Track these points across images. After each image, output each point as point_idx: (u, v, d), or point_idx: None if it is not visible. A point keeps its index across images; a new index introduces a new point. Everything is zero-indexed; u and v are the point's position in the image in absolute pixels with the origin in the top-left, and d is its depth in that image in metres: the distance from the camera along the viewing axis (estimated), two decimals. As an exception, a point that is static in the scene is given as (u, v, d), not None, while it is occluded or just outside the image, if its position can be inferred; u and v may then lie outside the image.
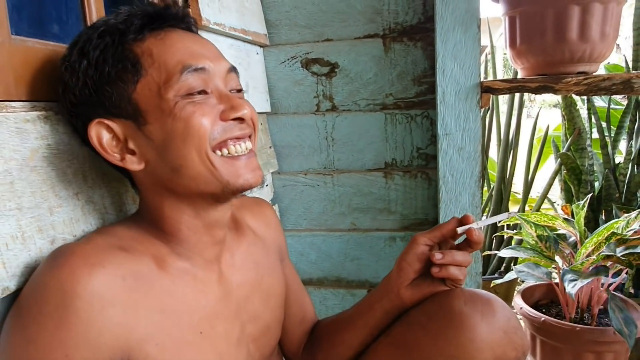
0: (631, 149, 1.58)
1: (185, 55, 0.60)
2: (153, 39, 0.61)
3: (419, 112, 1.28)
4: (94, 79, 0.59)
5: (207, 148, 0.59)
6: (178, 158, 0.59)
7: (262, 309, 0.75)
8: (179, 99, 0.59)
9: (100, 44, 0.59)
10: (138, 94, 0.59)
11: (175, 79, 0.59)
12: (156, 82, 0.59)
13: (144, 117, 0.59)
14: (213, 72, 0.62)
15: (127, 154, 0.61)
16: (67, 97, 0.61)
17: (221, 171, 0.60)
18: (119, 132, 0.60)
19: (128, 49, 0.60)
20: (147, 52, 0.60)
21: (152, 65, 0.59)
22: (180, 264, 0.64)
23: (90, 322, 0.51)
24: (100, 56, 0.59)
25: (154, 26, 0.62)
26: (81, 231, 0.64)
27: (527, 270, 1.34)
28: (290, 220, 1.42)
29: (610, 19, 1.01)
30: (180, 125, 0.58)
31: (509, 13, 1.09)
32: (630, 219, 1.22)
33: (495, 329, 0.65)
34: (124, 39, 0.60)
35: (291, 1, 1.27)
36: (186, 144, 0.59)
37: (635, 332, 1.09)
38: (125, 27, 0.60)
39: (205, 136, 0.59)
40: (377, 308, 0.78)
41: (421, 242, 0.74)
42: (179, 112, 0.58)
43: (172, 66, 0.59)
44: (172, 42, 0.61)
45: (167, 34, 0.62)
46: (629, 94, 1.08)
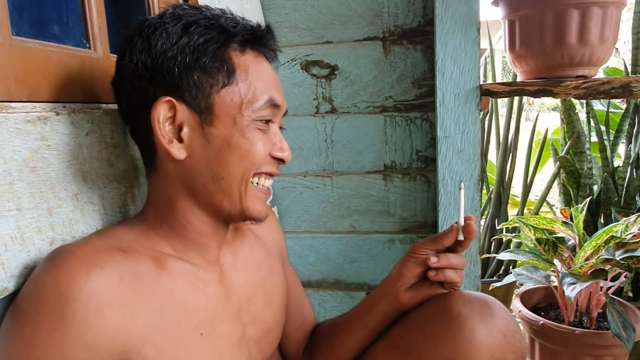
0: (630, 152, 1.58)
1: (272, 89, 0.65)
2: (251, 57, 0.64)
3: (418, 115, 1.28)
4: (188, 60, 0.60)
5: (252, 172, 0.64)
6: (224, 170, 0.62)
7: (264, 310, 0.75)
8: (252, 122, 0.62)
9: (206, 34, 0.61)
10: (220, 96, 0.61)
11: (259, 104, 0.63)
12: (241, 96, 0.62)
13: (213, 119, 0.61)
14: (281, 108, 0.67)
15: (175, 139, 0.61)
16: (146, 57, 0.60)
17: (248, 197, 0.64)
18: (180, 117, 0.61)
19: (228, 54, 0.62)
20: (244, 67, 0.63)
21: (244, 80, 0.62)
22: (181, 264, 0.64)
23: (87, 323, 0.51)
24: (203, 45, 0.60)
25: (255, 45, 0.65)
26: (80, 232, 0.64)
27: (525, 274, 1.34)
28: (289, 222, 1.42)
29: (610, 23, 1.01)
30: (245, 144, 0.62)
31: (509, 16, 1.09)
32: (629, 223, 1.22)
33: (494, 331, 0.65)
34: (228, 42, 0.62)
35: (291, 3, 1.28)
36: (239, 162, 0.62)
37: (633, 336, 1.09)
38: (233, 33, 0.62)
39: (257, 163, 0.63)
40: (376, 310, 0.78)
41: (421, 250, 0.74)
42: (248, 132, 0.62)
43: (260, 92, 0.63)
44: (265, 69, 0.65)
45: (261, 58, 0.66)
46: (628, 97, 1.08)
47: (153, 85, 0.61)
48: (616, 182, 1.60)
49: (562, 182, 1.72)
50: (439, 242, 0.74)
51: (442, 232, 0.76)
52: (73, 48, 0.69)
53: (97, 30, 0.73)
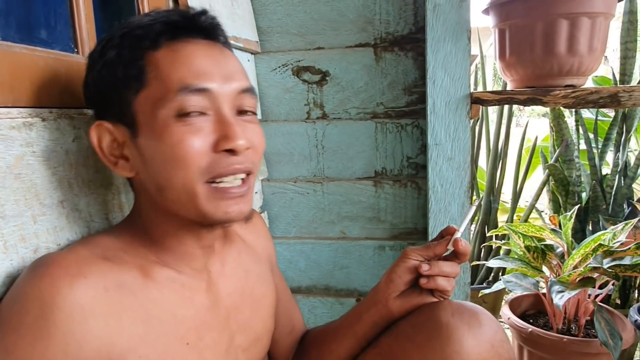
0: (618, 161, 1.60)
1: (190, 73, 0.57)
2: (167, 49, 0.58)
3: (409, 122, 1.28)
4: (106, 80, 0.59)
5: (194, 179, 0.57)
6: (161, 180, 0.58)
7: (252, 318, 0.74)
8: (171, 120, 0.56)
9: (118, 46, 0.59)
10: (138, 104, 0.58)
11: (171, 97, 0.56)
12: (154, 95, 0.57)
13: (138, 129, 0.58)
14: (218, 93, 0.58)
15: (121, 159, 0.60)
16: (85, 93, 0.63)
17: (202, 200, 0.58)
18: (117, 136, 0.60)
19: (140, 56, 0.58)
20: (154, 63, 0.57)
21: (155, 77, 0.57)
22: (168, 273, 0.63)
23: (70, 334, 0.50)
24: (116, 58, 0.58)
25: (173, 35, 0.59)
26: (66, 240, 0.63)
27: (514, 281, 1.35)
28: (279, 227, 1.41)
29: (598, 33, 1.02)
30: (167, 149, 0.56)
31: (499, 25, 1.10)
32: (616, 231, 1.23)
33: (482, 341, 0.65)
34: (140, 44, 0.58)
35: (283, 9, 1.28)
36: (173, 169, 0.56)
37: (620, 344, 1.10)
38: (142, 33, 0.58)
39: (192, 167, 0.56)
40: (365, 319, 0.77)
41: (412, 256, 0.74)
42: (167, 135, 0.55)
43: (172, 83, 0.56)
44: (183, 55, 0.58)
45: (184, 45, 0.59)
46: (616, 107, 1.09)
47: (96, 113, 0.63)
48: (604, 190, 1.61)
49: (551, 190, 1.73)
50: (431, 250, 0.73)
51: (434, 240, 0.76)
52: (61, 53, 0.68)
53: (85, 34, 0.72)
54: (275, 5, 1.28)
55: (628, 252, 1.16)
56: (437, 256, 0.74)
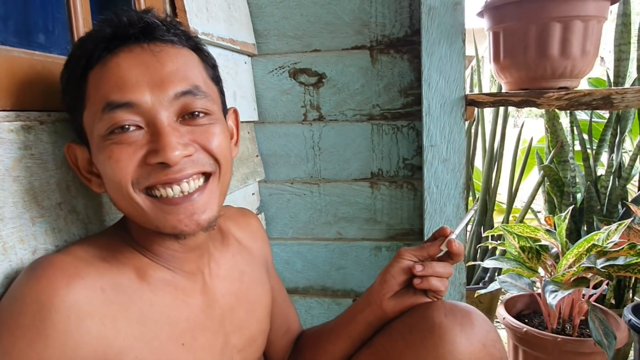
0: (612, 162, 1.61)
1: (113, 88, 0.55)
2: (99, 65, 0.57)
3: (405, 123, 1.30)
4: (65, 102, 0.62)
5: (130, 192, 0.56)
6: (111, 195, 0.60)
7: (247, 319, 0.75)
8: (102, 138, 0.56)
9: (67, 68, 0.61)
10: (85, 124, 0.60)
11: (99, 116, 0.55)
12: (90, 115, 0.58)
13: (89, 147, 0.60)
14: (148, 103, 0.55)
15: (93, 176, 0.62)
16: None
17: (149, 214, 0.57)
18: (81, 154, 0.62)
19: (82, 76, 0.58)
20: (91, 81, 0.58)
21: (89, 97, 0.58)
22: (162, 275, 0.63)
23: (68, 334, 0.51)
24: (67, 81, 0.61)
25: (107, 49, 0.57)
26: (63, 241, 0.64)
27: (510, 281, 1.36)
28: (276, 228, 1.42)
29: (591, 36, 1.03)
30: (103, 167, 0.57)
31: (493, 28, 1.11)
32: (610, 231, 1.24)
33: (474, 341, 0.66)
34: (79, 64, 0.59)
35: (280, 12, 1.29)
36: (112, 186, 0.58)
37: (614, 343, 1.11)
38: (81, 53, 0.58)
39: (124, 182, 0.56)
40: (359, 319, 0.78)
41: (406, 257, 0.75)
42: (101, 152, 0.56)
43: (99, 100, 0.56)
44: (109, 70, 0.56)
45: (112, 58, 0.56)
46: (609, 109, 1.10)
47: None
48: (599, 190, 1.62)
49: (547, 191, 1.74)
50: (425, 250, 0.75)
51: (428, 241, 0.77)
52: (59, 57, 0.69)
53: (83, 38, 0.73)
54: (272, 8, 1.29)
55: (621, 252, 1.17)
56: (431, 257, 0.75)
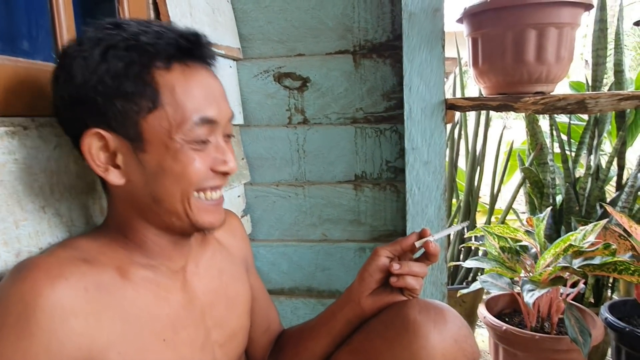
0: (590, 164, 1.66)
1: (203, 104, 0.62)
2: (179, 73, 0.61)
3: (388, 127, 1.32)
4: (109, 90, 0.59)
5: (191, 191, 0.63)
6: (162, 193, 0.62)
7: (227, 315, 0.77)
8: (185, 144, 0.61)
9: (125, 58, 0.59)
10: (147, 122, 0.60)
11: (189, 126, 0.60)
12: (169, 120, 0.60)
13: (144, 145, 0.61)
14: (220, 122, 0.64)
15: (111, 166, 0.62)
16: (68, 90, 0.60)
17: (195, 212, 0.64)
18: (112, 145, 0.61)
19: (151, 76, 0.59)
20: (169, 87, 0.60)
21: (170, 103, 0.60)
22: (144, 273, 0.65)
23: (52, 333, 0.53)
24: (123, 70, 0.58)
25: (183, 59, 0.61)
26: (47, 244, 0.65)
27: (491, 281, 1.39)
28: (262, 230, 1.44)
29: (565, 42, 1.07)
30: (178, 167, 0.61)
31: (472, 34, 1.14)
32: (586, 232, 1.27)
33: (447, 337, 0.69)
34: (151, 63, 0.59)
35: (264, 16, 1.30)
36: (175, 184, 0.62)
37: (589, 340, 1.14)
38: (155, 52, 0.59)
39: (195, 182, 0.62)
40: (339, 317, 0.81)
41: (382, 254, 0.78)
42: (181, 155, 0.61)
43: (189, 112, 0.60)
44: (195, 83, 0.62)
45: (192, 72, 0.62)
46: (584, 113, 1.14)
47: (81, 116, 0.61)
48: (577, 192, 1.66)
49: (528, 192, 1.78)
50: (398, 245, 0.78)
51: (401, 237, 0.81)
52: (42, 63, 0.70)
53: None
54: (257, 13, 1.30)
55: (597, 252, 1.20)
56: (404, 250, 0.78)
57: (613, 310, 1.39)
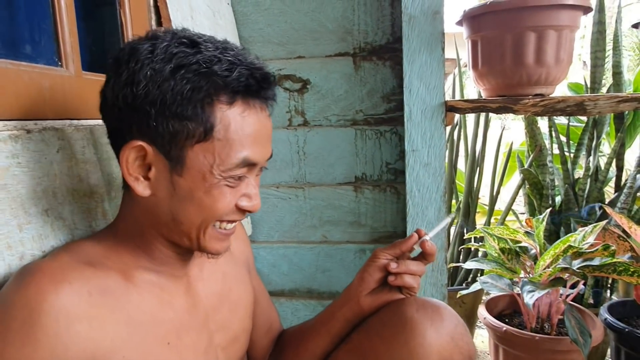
0: (589, 165, 1.66)
1: (251, 146, 0.61)
2: (239, 110, 0.60)
3: (387, 129, 1.32)
4: (168, 107, 0.58)
5: (212, 222, 0.64)
6: (184, 217, 0.62)
7: (230, 319, 0.78)
8: (222, 179, 0.61)
9: (194, 82, 0.57)
10: (193, 150, 0.60)
11: (231, 165, 0.60)
12: (214, 155, 0.60)
13: (182, 170, 0.60)
14: (259, 164, 0.64)
15: (142, 177, 0.61)
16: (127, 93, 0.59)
17: (206, 239, 0.65)
18: (150, 158, 0.60)
19: (213, 107, 0.59)
20: (225, 123, 0.59)
21: (221, 139, 0.59)
22: (148, 277, 0.66)
23: (57, 337, 0.53)
24: (188, 93, 0.58)
25: (245, 97, 0.60)
26: (50, 247, 0.66)
27: (490, 282, 1.39)
28: (262, 232, 1.44)
29: (564, 45, 1.08)
30: (209, 200, 0.61)
31: (471, 37, 1.14)
32: (586, 233, 1.28)
33: (443, 334, 0.70)
34: (216, 94, 0.59)
35: (264, 19, 1.31)
36: (199, 213, 0.62)
37: (589, 341, 1.15)
38: (223, 85, 0.58)
39: (218, 216, 0.63)
40: (338, 316, 0.82)
41: (382, 256, 0.80)
42: (215, 190, 0.61)
43: (236, 152, 0.60)
44: (250, 124, 0.61)
45: (251, 112, 0.61)
46: (583, 115, 1.15)
47: (130, 123, 0.60)
48: (577, 193, 1.67)
49: (527, 193, 1.79)
50: (397, 247, 0.80)
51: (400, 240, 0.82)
52: (45, 67, 0.71)
53: (69, 48, 0.75)
54: (257, 16, 1.31)
55: (596, 253, 1.21)
56: (404, 252, 0.80)
57: (612, 311, 1.39)
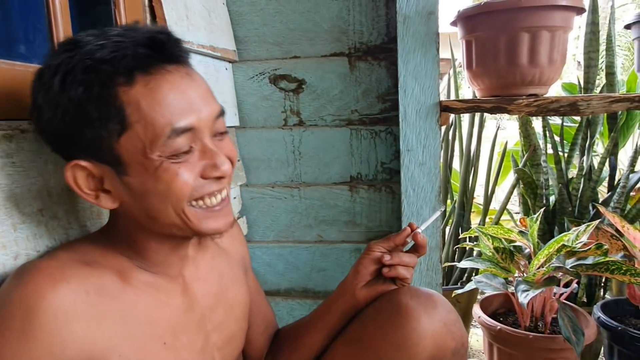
0: (583, 165, 1.67)
1: (175, 114, 0.57)
2: (142, 86, 0.56)
3: (383, 128, 1.33)
4: (76, 120, 0.56)
5: (184, 204, 0.60)
6: (154, 211, 0.60)
7: (226, 319, 0.78)
8: (164, 159, 0.57)
9: (84, 81, 0.55)
10: (121, 145, 0.57)
11: (162, 142, 0.56)
12: (141, 139, 0.56)
13: (125, 168, 0.58)
14: (201, 126, 0.59)
15: (101, 192, 0.61)
16: (42, 125, 0.59)
17: (194, 222, 0.62)
18: (96, 172, 0.59)
19: (114, 95, 0.55)
20: (134, 104, 0.56)
21: (139, 121, 0.56)
22: (144, 277, 0.66)
23: (55, 335, 0.53)
24: (84, 95, 0.55)
25: (145, 69, 0.57)
26: (45, 247, 0.66)
27: (485, 281, 1.40)
28: (258, 231, 1.44)
29: (558, 45, 1.08)
30: (162, 186, 0.58)
31: (466, 37, 1.15)
32: (579, 232, 1.29)
33: (436, 320, 0.72)
34: (111, 81, 0.55)
35: (260, 19, 1.31)
36: (164, 202, 0.59)
37: (582, 339, 1.16)
38: (113, 68, 0.55)
39: (185, 196, 0.59)
40: (334, 310, 0.84)
41: (376, 249, 0.82)
42: (162, 172, 0.57)
43: (160, 127, 0.56)
44: (162, 94, 0.56)
45: (157, 80, 0.57)
46: (576, 115, 1.15)
47: (59, 147, 0.60)
48: (570, 193, 1.68)
49: (521, 193, 1.80)
50: (391, 241, 0.82)
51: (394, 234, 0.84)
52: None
53: (64, 48, 0.75)
54: (252, 16, 1.31)
55: (589, 252, 1.21)
56: (397, 246, 0.82)
57: (605, 309, 1.40)
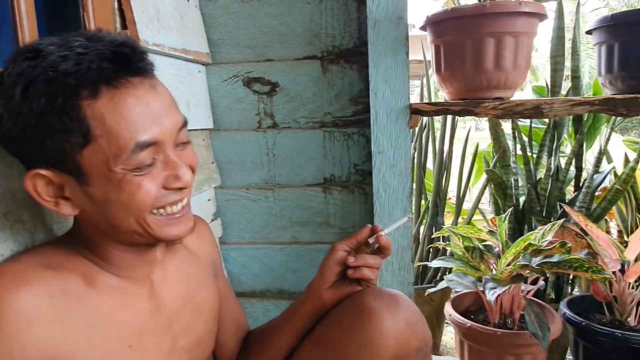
0: (550, 165, 1.72)
1: (139, 128, 0.57)
2: (107, 101, 0.56)
3: (355, 130, 1.35)
4: (37, 130, 0.56)
5: (146, 213, 0.61)
6: (116, 220, 0.61)
7: (195, 321, 0.78)
8: (127, 172, 0.58)
9: (47, 93, 0.54)
10: (83, 157, 0.57)
11: (126, 156, 0.57)
12: (105, 153, 0.57)
13: (87, 179, 0.59)
14: (164, 139, 0.60)
15: (61, 199, 0.61)
16: (2, 132, 0.58)
17: (155, 229, 0.63)
18: (57, 180, 0.60)
19: (78, 108, 0.55)
20: (98, 118, 0.56)
21: (102, 135, 0.56)
22: (110, 281, 0.66)
23: (15, 338, 0.53)
24: (47, 107, 0.55)
25: (109, 82, 0.57)
26: (9, 250, 0.65)
27: (456, 279, 1.43)
28: (232, 233, 1.45)
29: (522, 50, 1.12)
30: (124, 197, 0.59)
31: (435, 42, 1.18)
32: (545, 231, 1.33)
33: (399, 320, 0.73)
34: (74, 94, 0.55)
35: (233, 22, 1.32)
36: (126, 212, 0.60)
37: (548, 335, 1.19)
38: (76, 82, 0.55)
39: (147, 206, 0.60)
40: (301, 312, 0.85)
41: (339, 248, 0.83)
42: (124, 185, 0.58)
43: (125, 141, 0.57)
44: (126, 107, 0.57)
45: (122, 94, 0.57)
46: (540, 117, 1.19)
47: (19, 154, 0.61)
48: (539, 193, 1.73)
49: (492, 193, 1.84)
50: (353, 238, 0.83)
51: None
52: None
53: (30, 51, 0.74)
54: (225, 19, 1.32)
55: (554, 250, 1.26)
56: (360, 243, 0.83)
57: (571, 305, 1.45)
